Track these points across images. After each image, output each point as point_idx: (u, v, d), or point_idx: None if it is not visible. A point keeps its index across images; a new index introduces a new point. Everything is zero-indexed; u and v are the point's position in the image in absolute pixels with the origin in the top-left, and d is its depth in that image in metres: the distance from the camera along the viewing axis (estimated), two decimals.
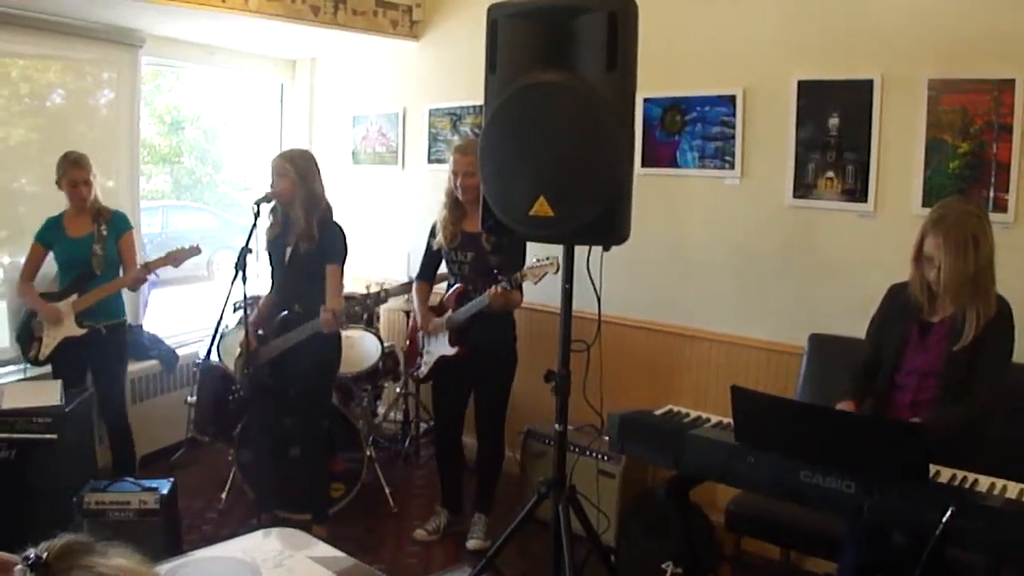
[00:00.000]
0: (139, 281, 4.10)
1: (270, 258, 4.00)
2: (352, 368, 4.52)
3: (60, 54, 4.62)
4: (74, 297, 4.00)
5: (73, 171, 3.99)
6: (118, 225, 4.14)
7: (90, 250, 4.02)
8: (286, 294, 3.92)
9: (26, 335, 4.07)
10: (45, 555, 1.02)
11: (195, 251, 4.12)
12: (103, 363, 4.16)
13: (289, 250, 3.86)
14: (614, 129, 2.44)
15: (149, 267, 4.08)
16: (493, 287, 3.66)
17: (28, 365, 4.18)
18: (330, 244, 3.84)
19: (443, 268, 4.13)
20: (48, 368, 4.11)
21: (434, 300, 4.16)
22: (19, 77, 4.57)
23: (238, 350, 4.02)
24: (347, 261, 3.93)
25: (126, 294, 4.27)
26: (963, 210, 2.64)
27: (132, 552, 1.08)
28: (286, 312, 3.88)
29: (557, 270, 3.50)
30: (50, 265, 4.16)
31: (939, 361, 2.70)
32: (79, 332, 4.00)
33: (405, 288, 4.33)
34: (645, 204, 3.22)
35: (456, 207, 3.91)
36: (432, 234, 4.03)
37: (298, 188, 3.76)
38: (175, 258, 4.08)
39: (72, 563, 1.02)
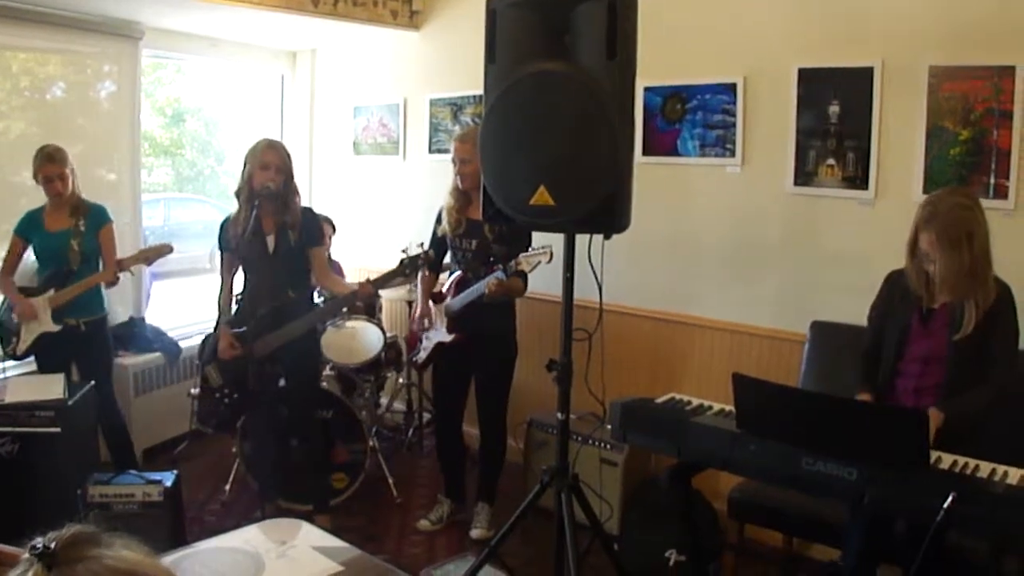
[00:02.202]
0: (113, 278, 3.99)
1: (237, 252, 3.82)
2: (355, 359, 4.51)
3: (60, 47, 4.61)
4: (51, 292, 3.94)
5: (47, 166, 3.90)
6: (96, 219, 4.06)
7: (67, 245, 3.95)
8: (273, 284, 3.80)
9: (5, 329, 4.01)
10: (53, 545, 1.02)
11: (167, 249, 4.05)
12: (86, 359, 4.12)
13: (272, 239, 3.79)
14: (614, 118, 2.44)
15: (122, 265, 3.97)
16: (489, 279, 3.67)
17: (7, 361, 4.08)
18: (313, 227, 3.92)
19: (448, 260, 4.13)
20: (28, 366, 4.09)
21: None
22: (19, 70, 4.57)
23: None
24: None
25: (121, 288, 4.22)
26: (954, 203, 2.62)
27: (137, 543, 1.08)
28: (275, 303, 3.79)
29: (550, 259, 3.51)
30: (33, 258, 4.10)
31: (941, 347, 2.70)
32: (55, 328, 3.95)
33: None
34: (646, 193, 3.22)
35: (461, 195, 3.91)
36: (438, 220, 4.03)
37: (291, 179, 3.82)
38: (147, 256, 4.02)
39: (79, 554, 1.02)
